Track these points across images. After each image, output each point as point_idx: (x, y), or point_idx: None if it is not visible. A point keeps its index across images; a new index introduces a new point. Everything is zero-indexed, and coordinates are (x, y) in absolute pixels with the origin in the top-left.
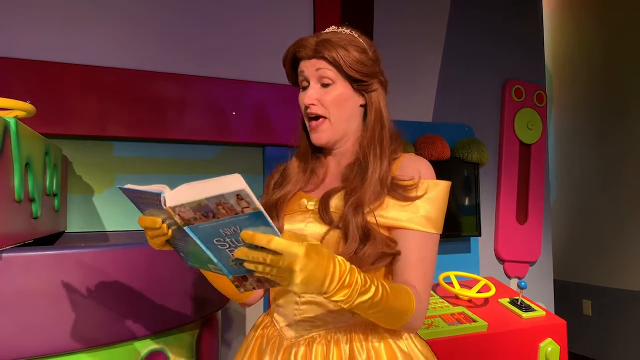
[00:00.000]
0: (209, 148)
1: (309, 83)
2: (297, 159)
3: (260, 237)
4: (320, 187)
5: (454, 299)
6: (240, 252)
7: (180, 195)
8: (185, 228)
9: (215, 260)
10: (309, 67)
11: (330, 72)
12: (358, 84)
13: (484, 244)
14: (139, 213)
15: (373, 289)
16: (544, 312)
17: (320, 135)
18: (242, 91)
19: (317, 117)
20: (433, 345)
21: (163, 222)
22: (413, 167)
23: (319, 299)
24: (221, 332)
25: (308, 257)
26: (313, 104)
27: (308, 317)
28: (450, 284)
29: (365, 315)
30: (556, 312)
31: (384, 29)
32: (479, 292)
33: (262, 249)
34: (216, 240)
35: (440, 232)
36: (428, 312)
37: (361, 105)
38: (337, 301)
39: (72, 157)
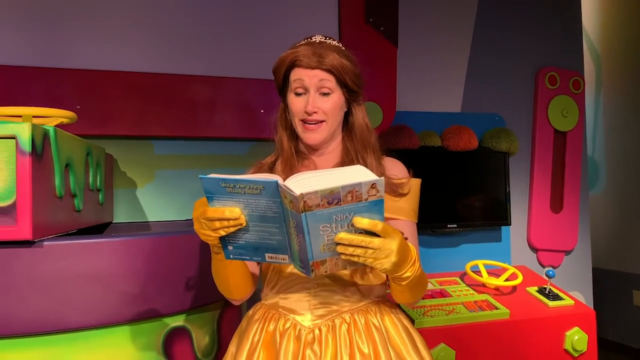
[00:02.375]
0: (240, 144)
1: (305, 90)
2: (283, 160)
3: (372, 221)
4: None
5: (481, 287)
6: (346, 236)
7: (302, 183)
8: (303, 214)
9: (307, 245)
10: (311, 77)
11: (330, 82)
12: (351, 93)
13: (516, 233)
14: (176, 205)
15: (418, 264)
16: (573, 302)
17: (316, 136)
18: (269, 90)
19: (315, 122)
20: (452, 331)
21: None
22: (396, 167)
23: (331, 285)
24: (243, 313)
25: (402, 242)
26: (316, 112)
27: (322, 303)
28: (478, 272)
29: (408, 288)
30: (601, 303)
31: (410, 19)
32: (506, 280)
33: (366, 233)
34: (322, 226)
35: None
36: (451, 299)
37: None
38: (405, 277)
39: (117, 155)
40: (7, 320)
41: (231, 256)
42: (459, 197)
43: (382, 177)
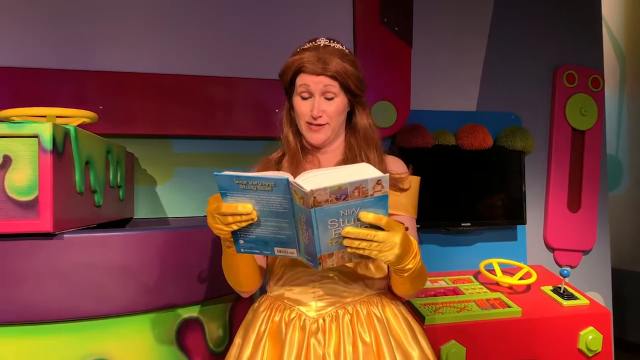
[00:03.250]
0: (255, 143)
1: (310, 95)
2: (289, 156)
3: (377, 216)
4: None
5: (495, 285)
6: (352, 230)
7: (312, 180)
8: (312, 210)
9: (316, 239)
10: (316, 83)
11: (334, 87)
12: (355, 97)
13: (532, 232)
14: (194, 201)
15: (419, 257)
16: (588, 301)
17: (320, 136)
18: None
19: (319, 124)
20: (463, 328)
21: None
22: (397, 164)
23: (335, 278)
24: None
25: (405, 235)
26: (320, 116)
27: (326, 295)
28: (492, 271)
29: (409, 280)
30: (621, 304)
31: (425, 18)
32: (521, 279)
33: (371, 227)
34: (330, 221)
35: None
36: (463, 297)
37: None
38: (407, 269)
39: (137, 153)
40: (29, 307)
41: (242, 250)
42: (473, 195)
43: (387, 174)
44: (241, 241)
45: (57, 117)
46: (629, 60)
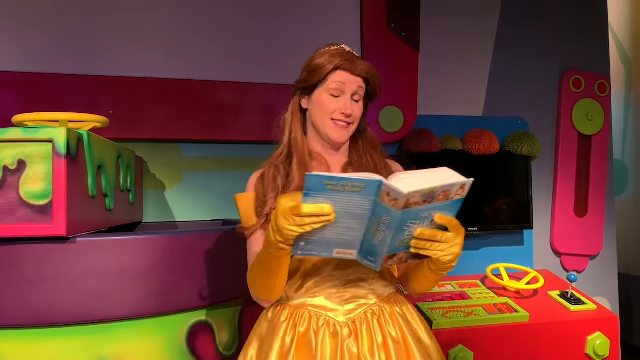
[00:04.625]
0: (263, 147)
1: (341, 93)
2: (297, 158)
3: (450, 218)
4: None
5: (502, 290)
6: (426, 231)
7: (403, 183)
8: (402, 211)
9: (391, 239)
10: (352, 83)
11: (363, 91)
12: (369, 103)
13: (539, 237)
14: (203, 205)
15: None
16: (595, 306)
17: (344, 134)
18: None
19: (348, 123)
20: (471, 333)
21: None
22: (396, 166)
23: (358, 281)
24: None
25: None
26: (351, 115)
27: (352, 298)
28: (499, 276)
29: (438, 278)
30: (629, 309)
31: (432, 24)
32: (528, 284)
33: (438, 227)
34: (409, 222)
35: None
36: (471, 301)
37: None
38: (450, 268)
39: (147, 157)
40: (42, 310)
41: (299, 252)
42: (480, 200)
43: (472, 179)
44: (302, 243)
45: (69, 121)
46: (635, 64)
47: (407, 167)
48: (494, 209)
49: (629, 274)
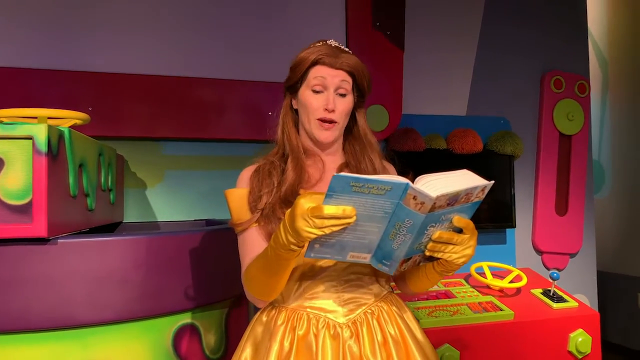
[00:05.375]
0: (248, 146)
1: (324, 89)
2: (293, 158)
3: (468, 221)
4: (321, 183)
5: (486, 288)
6: (444, 234)
7: (429, 186)
8: (426, 215)
9: (411, 243)
10: (333, 77)
11: (348, 84)
12: (361, 98)
13: (521, 236)
14: (185, 205)
15: None
16: (577, 304)
17: (329, 134)
18: (277, 93)
19: (331, 121)
20: (457, 332)
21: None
22: (391, 168)
23: (356, 281)
24: (253, 312)
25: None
26: (334, 111)
27: (351, 298)
28: (483, 274)
29: (440, 278)
30: (606, 306)
31: (416, 21)
32: (511, 282)
33: (455, 230)
34: (430, 225)
35: None
36: (455, 300)
37: None
38: (456, 269)
39: (127, 156)
40: (22, 315)
41: (312, 254)
42: None
43: (492, 182)
44: (317, 245)
45: (48, 118)
46: (612, 66)
47: (395, 166)
48: (478, 208)
49: (604, 271)
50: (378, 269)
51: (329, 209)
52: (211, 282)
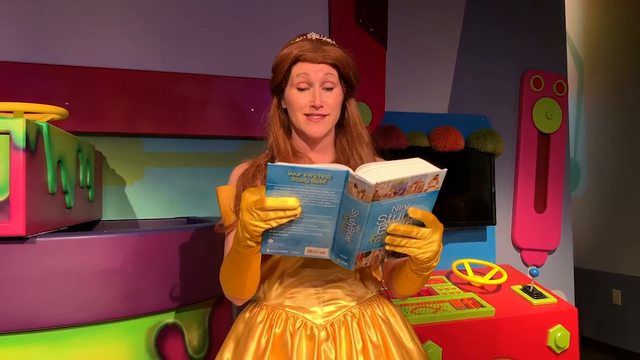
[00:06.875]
0: (230, 143)
1: (309, 85)
2: (280, 159)
3: (425, 213)
4: None
5: (467, 285)
6: (400, 226)
7: (372, 174)
8: (370, 204)
9: (362, 236)
10: (316, 72)
11: (334, 77)
12: (349, 88)
13: (501, 233)
14: (165, 202)
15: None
16: (556, 300)
17: (320, 128)
18: (260, 89)
19: (320, 115)
20: (439, 328)
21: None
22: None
23: (338, 281)
24: (236, 312)
25: (442, 232)
26: (322, 106)
27: (331, 299)
28: (464, 271)
29: (424, 279)
30: (583, 302)
31: (398, 20)
32: (491, 279)
33: (413, 223)
34: (380, 217)
35: None
36: (438, 297)
37: None
38: (431, 267)
39: (106, 152)
40: (0, 317)
41: (268, 250)
42: (446, 197)
43: (445, 169)
44: (270, 240)
45: (25, 112)
46: (587, 66)
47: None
48: (459, 206)
49: (580, 267)
50: (338, 264)
51: (270, 201)
52: (194, 281)
